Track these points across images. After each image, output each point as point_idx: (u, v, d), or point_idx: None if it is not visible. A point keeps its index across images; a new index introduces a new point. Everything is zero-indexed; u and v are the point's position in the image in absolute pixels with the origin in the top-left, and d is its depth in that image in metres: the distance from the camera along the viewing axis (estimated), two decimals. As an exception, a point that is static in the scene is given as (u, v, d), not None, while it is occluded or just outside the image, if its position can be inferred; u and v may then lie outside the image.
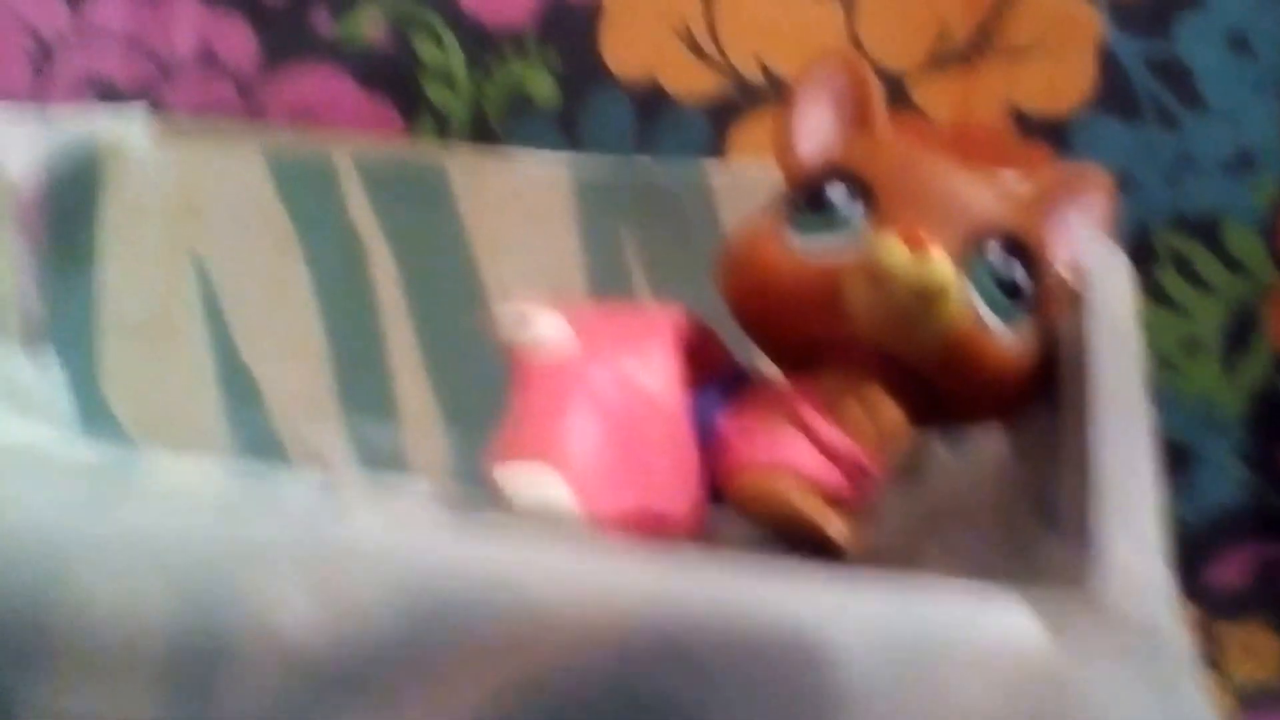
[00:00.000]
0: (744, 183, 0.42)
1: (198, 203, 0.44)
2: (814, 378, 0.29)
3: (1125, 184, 0.49)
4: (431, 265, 0.43)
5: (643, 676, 0.18)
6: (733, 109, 0.49)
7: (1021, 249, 0.29)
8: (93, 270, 0.44)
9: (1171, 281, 0.50)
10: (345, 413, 0.43)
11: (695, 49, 0.49)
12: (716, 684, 0.18)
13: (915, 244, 0.26)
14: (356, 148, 0.45)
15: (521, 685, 0.18)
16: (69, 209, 0.44)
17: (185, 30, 0.52)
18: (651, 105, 0.49)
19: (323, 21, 0.52)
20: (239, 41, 0.52)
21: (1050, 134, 0.49)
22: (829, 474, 0.28)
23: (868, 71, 0.32)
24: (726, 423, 0.29)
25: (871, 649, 0.18)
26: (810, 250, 0.28)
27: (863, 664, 0.18)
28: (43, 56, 0.53)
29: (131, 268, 0.44)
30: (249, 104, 0.52)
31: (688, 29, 0.49)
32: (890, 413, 0.29)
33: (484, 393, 0.42)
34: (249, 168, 0.44)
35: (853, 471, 0.29)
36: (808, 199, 0.29)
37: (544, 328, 0.29)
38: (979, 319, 0.28)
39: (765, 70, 0.50)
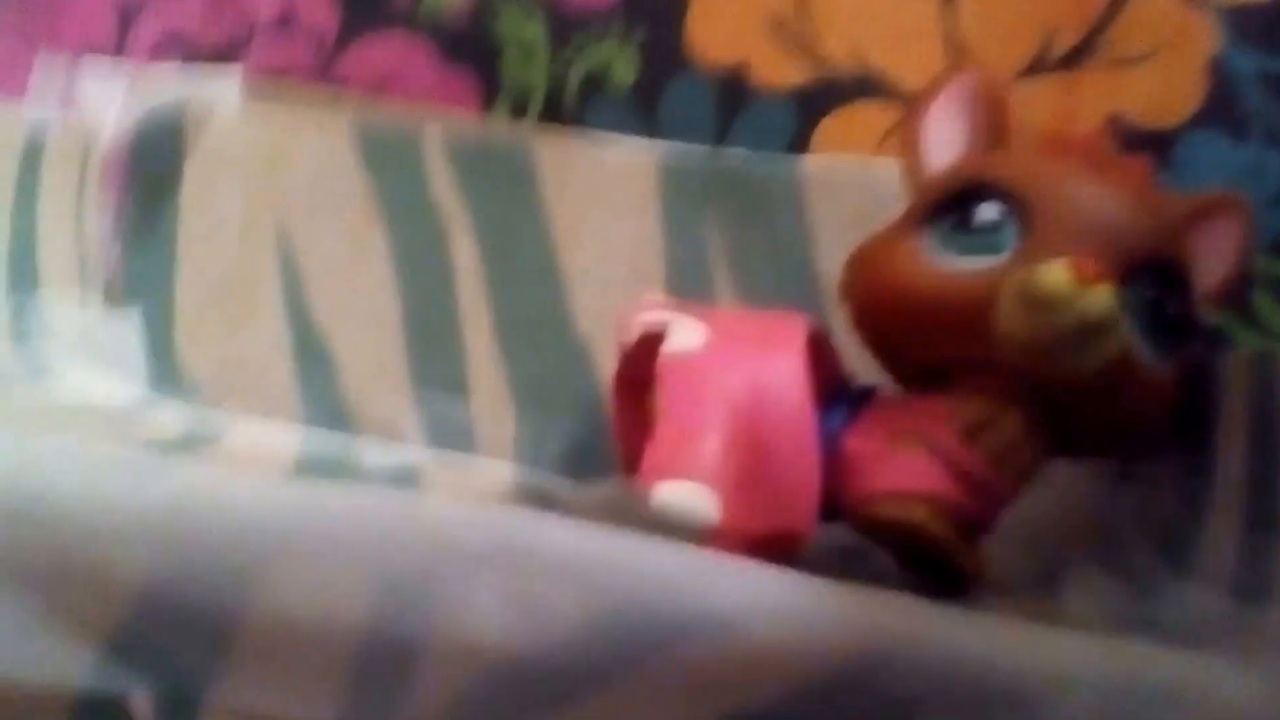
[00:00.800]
0: (835, 179, 0.41)
1: (282, 168, 0.44)
2: (944, 397, 0.28)
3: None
4: (511, 245, 0.43)
5: (842, 711, 0.17)
6: (820, 102, 0.48)
7: (1176, 279, 0.28)
8: (175, 230, 0.44)
9: (1267, 307, 0.48)
10: (416, 386, 0.43)
11: (785, 38, 0.48)
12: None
13: (1084, 274, 0.25)
14: (444, 123, 0.44)
15: (721, 712, 0.18)
16: (155, 168, 0.44)
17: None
18: (735, 94, 0.48)
19: (405, -11, 0.51)
20: (320, 6, 0.52)
21: (1152, 147, 0.48)
22: (962, 500, 0.27)
23: (1000, 84, 0.31)
24: (853, 441, 0.28)
25: (1090, 712, 0.17)
26: (957, 269, 0.27)
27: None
28: (129, 11, 0.53)
29: (213, 229, 0.44)
30: (326, 70, 0.51)
31: (779, 17, 0.48)
32: (1026, 439, 0.28)
33: (555, 375, 0.42)
34: (336, 136, 0.44)
35: (985, 498, 0.28)
36: (953, 214, 0.28)
37: (682, 335, 0.28)
38: (1133, 350, 0.27)
39: (858, 63, 0.48)
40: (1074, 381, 0.26)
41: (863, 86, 0.48)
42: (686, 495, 0.26)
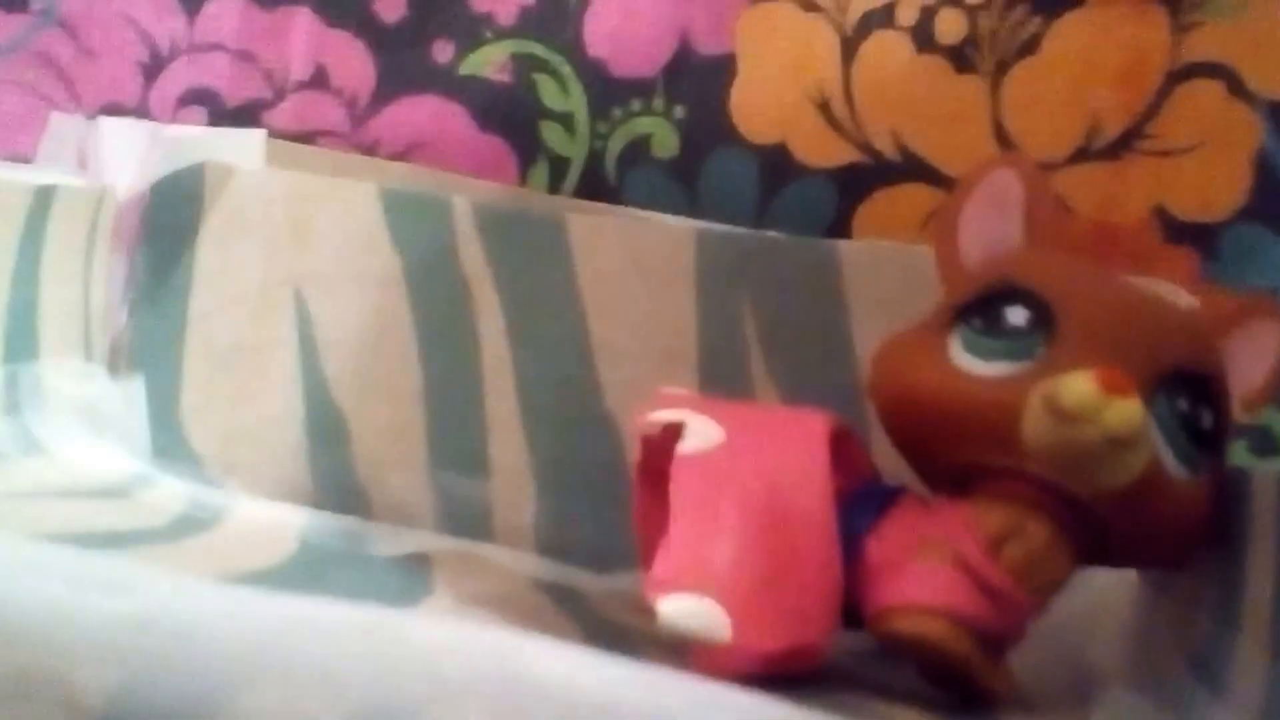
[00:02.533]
0: (874, 263, 0.40)
1: (304, 233, 0.42)
2: (969, 503, 0.27)
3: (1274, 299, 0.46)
4: (540, 320, 0.41)
5: None
6: (862, 182, 0.48)
7: (1210, 389, 0.27)
8: (187, 294, 0.43)
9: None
10: (434, 466, 0.41)
11: (829, 117, 0.47)
12: None
13: (1112, 388, 0.24)
14: (475, 191, 0.43)
15: None
16: (170, 229, 0.42)
17: (301, 49, 0.51)
18: (777, 169, 0.48)
19: (444, 53, 0.50)
20: (356, 65, 0.51)
21: (1198, 240, 0.47)
22: (984, 614, 0.26)
23: (1044, 177, 0.30)
24: (875, 546, 0.27)
25: None
26: (983, 374, 0.26)
27: None
28: (155, 66, 0.52)
29: (227, 293, 0.42)
30: (358, 130, 0.51)
31: (824, 96, 0.47)
32: (1053, 549, 0.27)
33: (580, 454, 0.41)
34: (362, 201, 0.42)
35: (1009, 611, 0.27)
36: (981, 316, 0.27)
37: (699, 434, 0.27)
38: (1163, 464, 0.26)
39: (901, 147, 0.48)
40: (1103, 494, 0.26)
41: (905, 170, 0.47)
42: (697, 611, 0.25)
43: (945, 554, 0.26)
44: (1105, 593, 0.33)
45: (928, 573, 0.26)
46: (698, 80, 0.48)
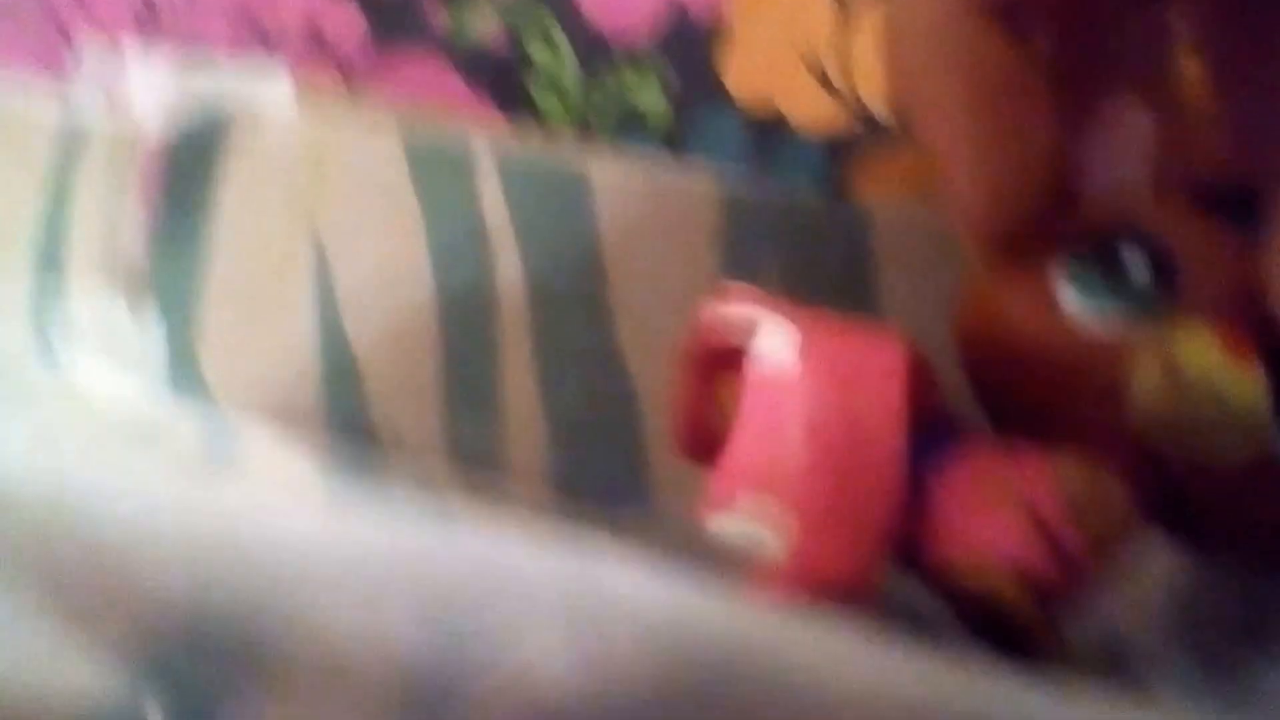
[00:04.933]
0: (906, 227, 0.40)
1: (327, 176, 0.42)
2: (1052, 456, 0.25)
3: None
4: (559, 274, 0.42)
5: None
6: (855, 146, 0.48)
7: None
8: (207, 229, 0.43)
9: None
10: (447, 407, 0.42)
11: (823, 79, 0.48)
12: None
13: (1236, 353, 0.23)
14: (497, 138, 0.43)
15: None
16: (192, 163, 0.42)
17: (294, 7, 0.51)
18: (768, 132, 0.48)
19: (434, 11, 0.50)
20: (347, 22, 0.51)
21: None
22: (1052, 578, 0.25)
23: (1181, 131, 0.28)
24: (943, 487, 0.26)
25: None
26: (1091, 318, 0.25)
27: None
28: (150, 19, 0.52)
29: (247, 231, 0.43)
30: (350, 87, 0.50)
31: (818, 59, 0.48)
32: (1130, 514, 0.25)
33: (594, 407, 0.41)
34: (384, 144, 0.42)
35: (1077, 579, 0.25)
36: (1097, 259, 0.25)
37: (773, 341, 0.26)
38: (1277, 448, 0.24)
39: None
40: (1206, 470, 0.24)
41: (899, 134, 0.48)
42: (763, 513, 0.24)
43: (1021, 507, 0.25)
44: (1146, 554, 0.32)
45: (1001, 524, 0.25)
46: (689, 43, 0.48)
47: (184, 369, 0.43)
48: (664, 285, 0.41)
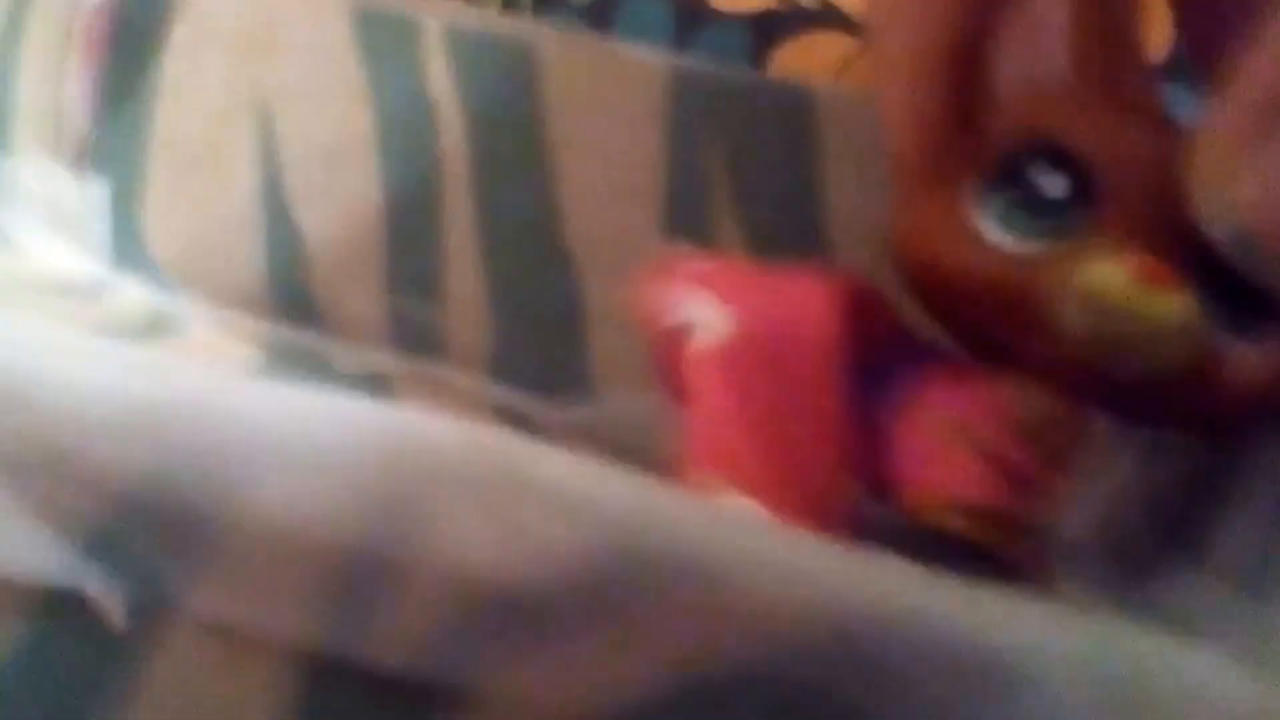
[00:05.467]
0: (851, 111, 0.40)
1: (272, 45, 0.42)
2: (1007, 381, 0.25)
3: None
4: (504, 148, 0.41)
5: (823, 672, 0.18)
6: (778, 28, 0.47)
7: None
8: (153, 101, 0.42)
9: None
10: (390, 285, 0.42)
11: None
12: (899, 696, 0.17)
13: (1149, 279, 0.21)
14: (447, 10, 0.43)
15: (697, 656, 0.18)
16: (139, 35, 0.42)
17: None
18: (692, 14, 0.47)
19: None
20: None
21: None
22: (1014, 503, 0.25)
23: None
24: (900, 426, 0.25)
25: (1074, 687, 0.17)
26: (1011, 247, 0.23)
27: (1061, 701, 0.17)
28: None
29: (192, 100, 0.42)
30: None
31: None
32: (1079, 424, 0.25)
33: (536, 286, 0.41)
34: (332, 13, 0.42)
35: (1040, 497, 0.25)
36: (1014, 181, 0.23)
37: (707, 327, 0.25)
38: (1218, 345, 0.23)
39: None
40: (1146, 383, 0.23)
41: (822, 17, 0.47)
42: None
43: (976, 441, 0.25)
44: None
45: (956, 462, 0.25)
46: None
47: (127, 236, 0.42)
48: (608, 160, 0.41)
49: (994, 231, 0.23)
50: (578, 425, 0.38)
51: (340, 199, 0.42)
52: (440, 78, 0.42)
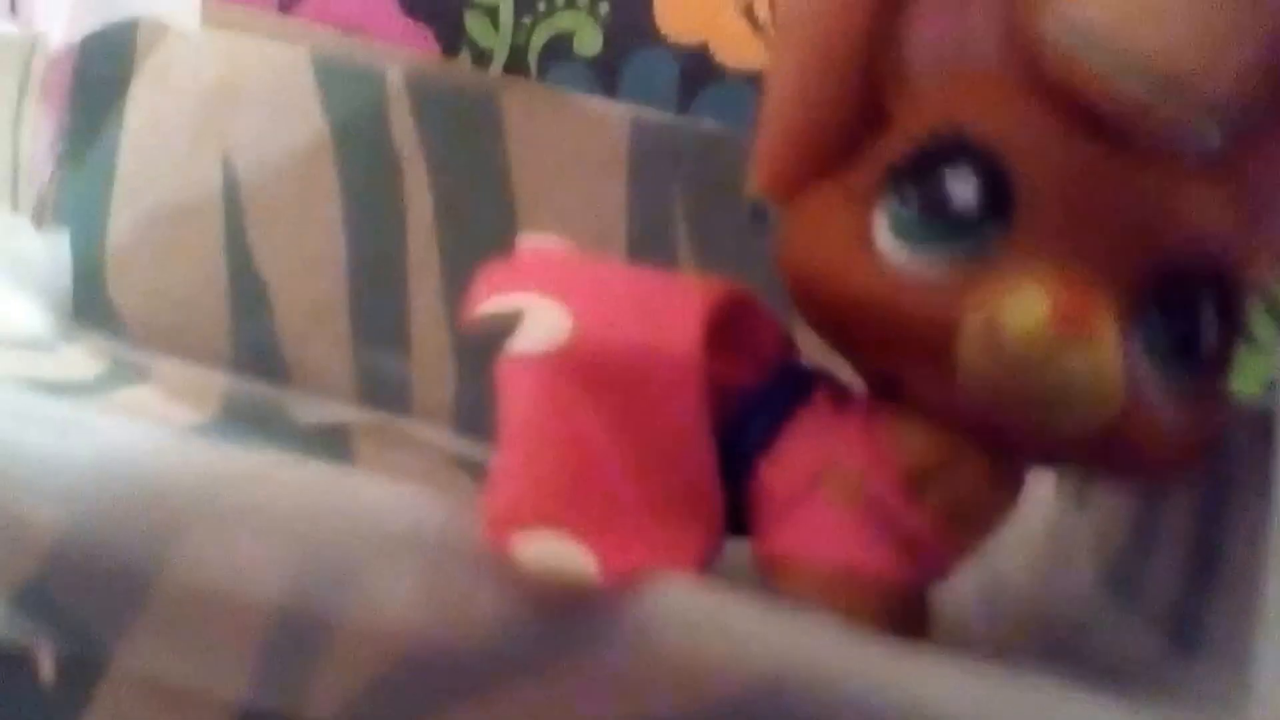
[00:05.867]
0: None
1: (236, 97, 0.42)
2: (896, 419, 0.21)
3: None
4: (468, 197, 0.42)
5: None
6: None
7: (1222, 286, 0.19)
8: (115, 152, 0.42)
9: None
10: (355, 336, 0.42)
11: (752, 21, 0.48)
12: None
13: (1072, 325, 0.17)
14: (410, 63, 0.43)
15: (625, 711, 0.18)
16: (100, 84, 0.42)
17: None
18: (698, 71, 0.48)
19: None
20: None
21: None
22: (895, 568, 0.21)
23: None
24: (770, 469, 0.21)
25: None
26: (914, 268, 0.19)
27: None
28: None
29: (156, 152, 0.42)
30: (288, 12, 0.50)
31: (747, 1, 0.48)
32: (991, 490, 0.21)
33: (500, 338, 0.41)
34: (295, 66, 0.42)
35: (928, 560, 0.21)
36: (917, 184, 0.19)
37: (538, 327, 0.21)
38: (1143, 396, 0.19)
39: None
40: (1058, 437, 0.19)
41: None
42: (550, 547, 0.18)
43: (853, 490, 0.20)
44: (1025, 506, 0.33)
45: (829, 517, 0.21)
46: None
47: (89, 288, 0.42)
48: (571, 209, 0.41)
49: (890, 246, 0.19)
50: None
51: (304, 250, 0.42)
52: (404, 128, 0.42)
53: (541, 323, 0.21)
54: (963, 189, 0.19)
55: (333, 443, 0.37)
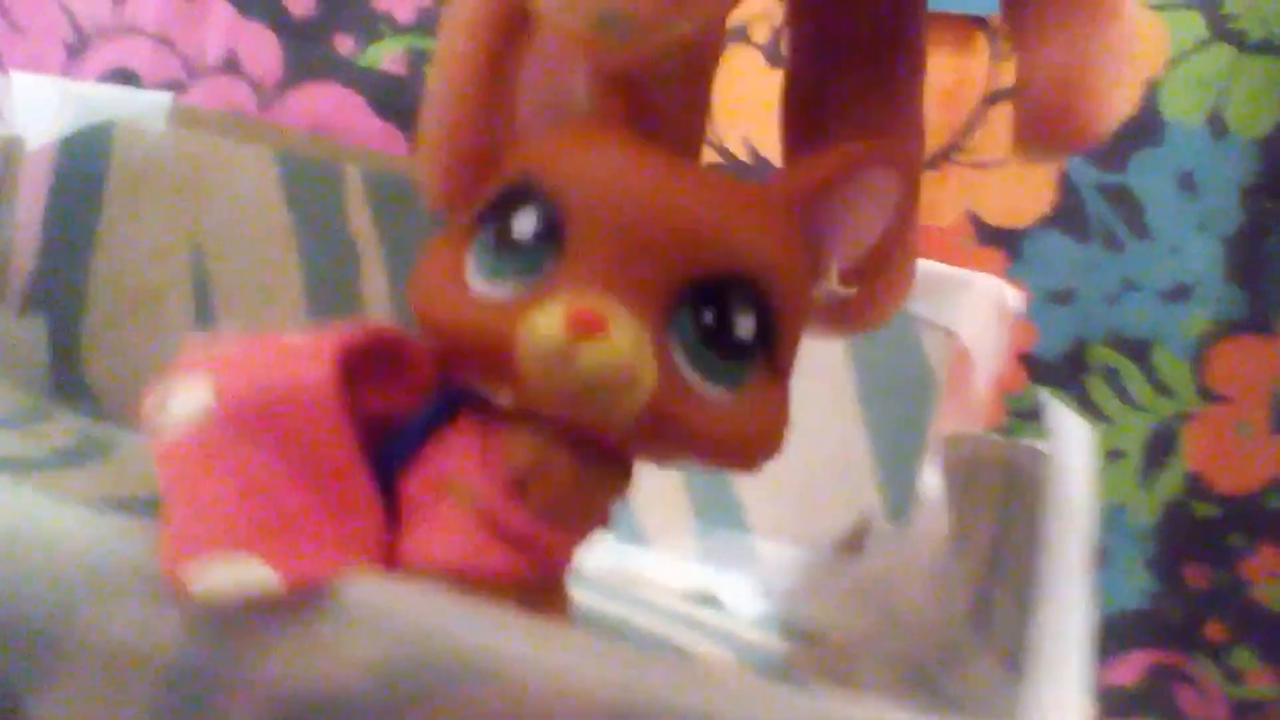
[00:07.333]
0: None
1: (204, 193, 0.46)
2: (500, 433, 0.23)
3: (1069, 298, 0.53)
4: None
5: None
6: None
7: (751, 290, 0.22)
8: (92, 244, 0.46)
9: (1101, 393, 0.53)
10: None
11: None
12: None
13: (580, 329, 0.21)
14: (366, 159, 0.47)
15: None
16: (78, 182, 0.46)
17: (215, 35, 0.56)
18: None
19: (346, 45, 0.55)
20: (265, 53, 0.56)
21: (1005, 243, 0.53)
22: (507, 564, 0.23)
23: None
24: (406, 483, 0.23)
25: None
26: (485, 290, 0.22)
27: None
28: (80, 45, 0.57)
29: (130, 244, 0.46)
30: (265, 113, 0.55)
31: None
32: (586, 480, 0.23)
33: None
34: (259, 162, 0.46)
35: (540, 553, 0.23)
36: (494, 223, 0.22)
37: (179, 403, 0.22)
38: (681, 389, 0.22)
39: (751, 150, 0.54)
40: (615, 429, 0.22)
41: (754, 169, 0.53)
42: (227, 568, 0.20)
43: (465, 497, 0.23)
44: (916, 546, 0.35)
45: (446, 522, 0.23)
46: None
47: (66, 369, 0.46)
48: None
49: (475, 279, 0.22)
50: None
51: (268, 329, 0.45)
52: (361, 219, 0.46)
53: (182, 401, 0.22)
54: (522, 225, 0.22)
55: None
